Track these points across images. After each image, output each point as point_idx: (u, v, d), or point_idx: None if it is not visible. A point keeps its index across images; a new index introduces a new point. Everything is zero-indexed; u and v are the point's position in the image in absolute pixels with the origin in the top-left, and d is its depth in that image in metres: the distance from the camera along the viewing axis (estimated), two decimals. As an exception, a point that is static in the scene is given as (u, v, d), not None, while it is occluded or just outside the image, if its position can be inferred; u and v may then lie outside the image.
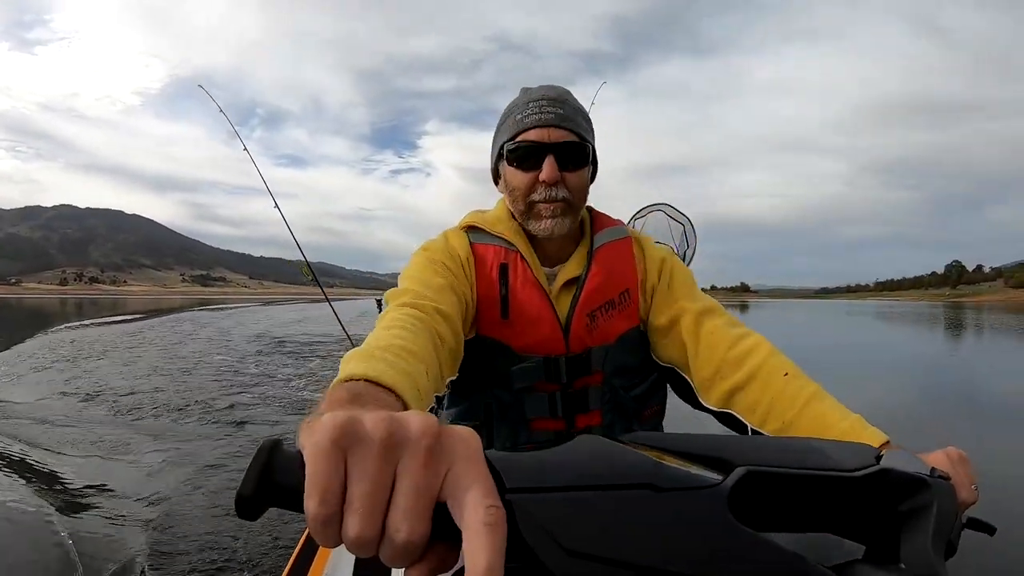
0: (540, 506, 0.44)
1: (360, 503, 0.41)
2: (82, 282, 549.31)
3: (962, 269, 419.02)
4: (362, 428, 0.43)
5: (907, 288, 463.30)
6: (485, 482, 0.43)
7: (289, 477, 0.43)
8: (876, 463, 0.62)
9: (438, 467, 0.43)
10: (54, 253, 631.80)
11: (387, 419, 0.44)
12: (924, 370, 15.10)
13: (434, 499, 0.42)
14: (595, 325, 1.45)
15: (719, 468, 0.54)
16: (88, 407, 8.27)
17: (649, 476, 0.48)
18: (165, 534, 4.50)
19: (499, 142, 1.49)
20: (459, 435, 0.45)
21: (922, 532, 0.58)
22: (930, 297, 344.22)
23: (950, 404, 10.28)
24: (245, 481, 0.43)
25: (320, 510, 0.41)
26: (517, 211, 1.48)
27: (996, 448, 6.95)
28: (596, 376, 1.47)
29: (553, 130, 1.40)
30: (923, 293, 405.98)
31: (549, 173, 1.38)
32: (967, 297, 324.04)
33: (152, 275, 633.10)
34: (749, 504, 0.55)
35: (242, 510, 0.43)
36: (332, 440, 0.42)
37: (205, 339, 18.93)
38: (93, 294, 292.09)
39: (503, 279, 1.45)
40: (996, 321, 42.52)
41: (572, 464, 0.48)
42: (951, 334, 30.07)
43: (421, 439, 0.43)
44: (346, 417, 0.43)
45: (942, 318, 48.17)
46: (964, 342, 25.84)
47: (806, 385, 1.25)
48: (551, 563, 0.43)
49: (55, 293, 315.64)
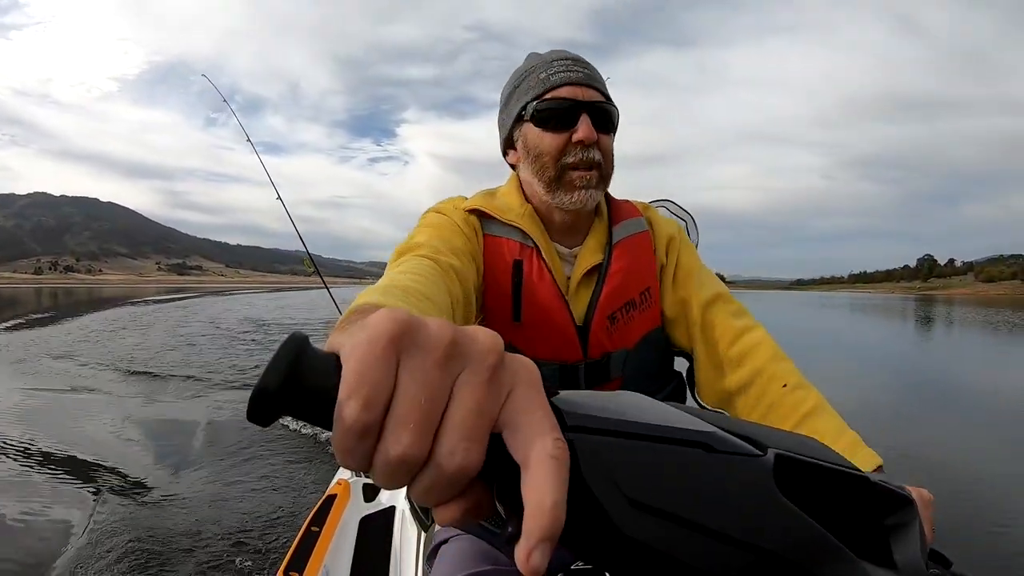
0: (604, 448, 0.41)
1: (412, 413, 0.34)
2: (57, 271, 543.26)
3: (933, 263, 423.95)
4: (425, 331, 0.37)
5: (880, 281, 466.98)
6: (550, 413, 0.38)
7: (321, 379, 0.36)
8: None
9: (500, 389, 0.37)
10: (28, 242, 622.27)
11: (453, 327, 0.38)
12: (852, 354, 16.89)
13: (492, 424, 0.37)
14: (615, 328, 1.37)
15: (753, 446, 0.52)
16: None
17: (704, 435, 0.46)
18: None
19: (518, 104, 1.36)
20: (522, 361, 0.40)
21: (910, 545, 0.58)
22: (901, 290, 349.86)
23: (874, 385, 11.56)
24: (266, 375, 0.36)
25: (361, 415, 0.34)
26: (544, 180, 1.33)
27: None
28: (615, 383, 1.40)
29: (586, 89, 1.31)
30: (894, 286, 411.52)
31: (586, 132, 1.27)
32: (937, 290, 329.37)
33: (128, 264, 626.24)
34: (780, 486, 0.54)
35: (257, 410, 0.36)
36: (390, 335, 0.35)
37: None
38: (69, 283, 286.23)
39: (516, 278, 1.33)
40: (946, 313, 45.72)
41: (633, 412, 0.45)
42: (898, 324, 33.64)
43: (488, 355, 0.37)
44: (405, 314, 0.37)
45: (898, 311, 51.19)
46: (904, 330, 28.93)
47: (805, 399, 1.21)
48: (614, 512, 0.40)
49: (31, 283, 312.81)
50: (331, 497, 2.39)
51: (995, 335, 26.05)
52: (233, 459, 5.82)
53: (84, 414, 7.85)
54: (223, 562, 3.65)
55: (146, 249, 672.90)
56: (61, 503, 4.67)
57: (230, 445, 6.27)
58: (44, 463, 5.69)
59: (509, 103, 1.41)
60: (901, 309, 58.59)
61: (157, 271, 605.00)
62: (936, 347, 22.04)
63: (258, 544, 3.91)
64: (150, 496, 4.81)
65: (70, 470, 5.47)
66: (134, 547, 3.82)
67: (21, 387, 9.47)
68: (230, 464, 5.71)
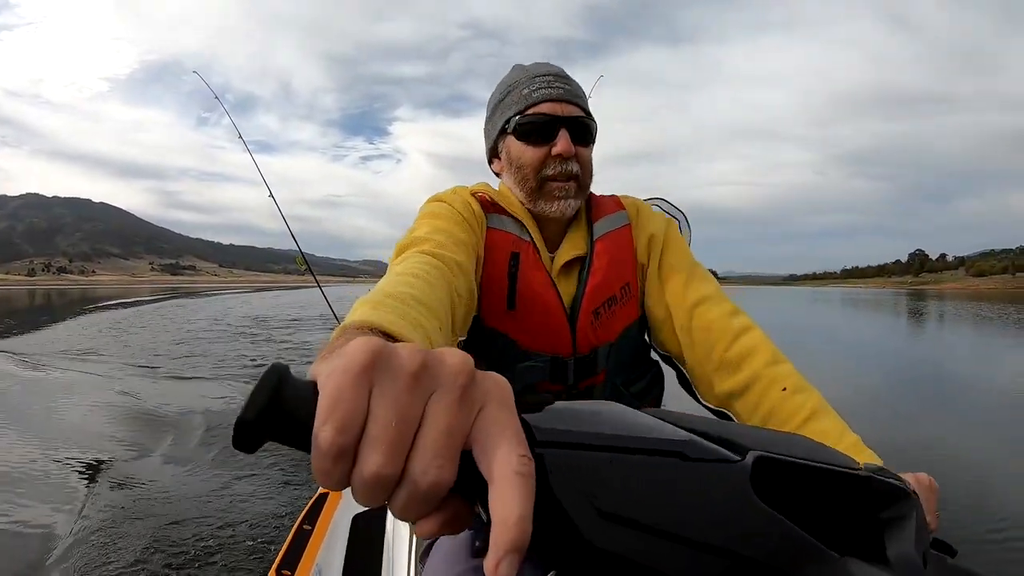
0: (573, 462, 0.42)
1: (384, 434, 0.37)
2: (50, 273, 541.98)
3: (924, 257, 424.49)
4: (396, 357, 0.39)
5: (872, 276, 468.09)
6: (518, 430, 0.40)
7: (299, 406, 0.39)
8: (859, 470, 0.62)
9: (471, 408, 0.40)
10: (21, 243, 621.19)
11: (423, 352, 0.40)
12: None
13: (463, 442, 0.39)
14: (599, 322, 1.41)
15: (734, 451, 0.53)
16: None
17: (679, 444, 0.47)
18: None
19: (502, 118, 1.42)
20: (493, 379, 0.42)
21: (905, 539, 0.58)
22: (893, 284, 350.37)
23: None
24: (248, 405, 0.38)
25: (337, 438, 0.36)
26: (526, 190, 1.40)
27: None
28: (600, 375, 1.44)
29: (565, 104, 1.36)
30: (886, 280, 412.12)
31: (564, 146, 1.33)
32: (928, 285, 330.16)
33: (121, 264, 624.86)
34: (759, 488, 0.54)
35: (240, 438, 0.38)
36: (362, 364, 0.38)
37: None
38: (62, 285, 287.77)
39: (512, 268, 1.37)
40: (929, 306, 46.03)
41: (605, 424, 0.46)
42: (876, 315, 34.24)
43: (457, 376, 0.40)
44: (378, 342, 0.40)
45: (885, 304, 51.75)
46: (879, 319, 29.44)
47: (805, 402, 1.21)
48: (583, 523, 0.41)
49: (24, 284, 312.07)
50: (323, 495, 2.37)
51: (971, 326, 26.98)
52: (224, 455, 5.79)
53: (68, 403, 8.05)
54: (215, 560, 3.64)
55: (139, 249, 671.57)
56: (46, 501, 4.65)
57: (220, 441, 6.27)
58: (36, 457, 5.71)
59: (494, 115, 1.47)
60: (888, 303, 59.07)
61: (150, 271, 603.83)
62: (917, 339, 22.51)
63: (250, 543, 3.90)
64: (139, 492, 4.79)
65: (58, 464, 5.51)
66: (122, 545, 3.81)
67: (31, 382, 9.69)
68: (221, 460, 5.69)
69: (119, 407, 7.97)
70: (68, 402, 8.25)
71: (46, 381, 10.00)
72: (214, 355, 13.60)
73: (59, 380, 10.04)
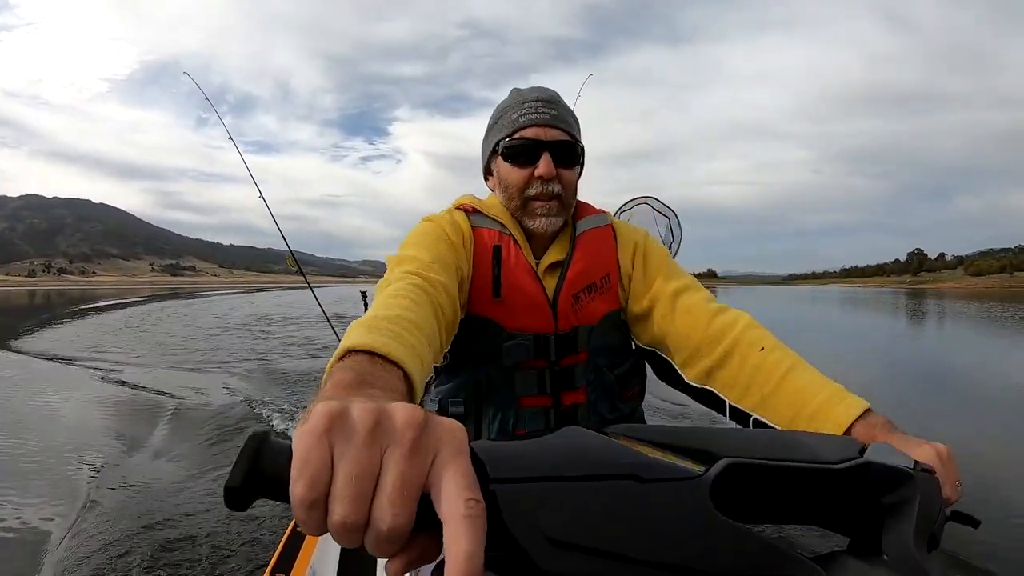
0: (523, 496, 0.46)
1: (346, 488, 0.42)
2: (51, 273, 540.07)
3: (923, 257, 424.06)
4: (350, 417, 0.45)
5: (871, 275, 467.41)
6: (467, 474, 0.44)
7: (277, 468, 0.44)
8: (859, 456, 0.62)
9: (423, 458, 0.44)
10: (21, 244, 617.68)
11: (374, 409, 0.46)
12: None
13: (419, 489, 0.44)
14: (580, 306, 1.49)
15: (702, 460, 0.54)
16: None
17: (632, 467, 0.49)
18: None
19: (493, 140, 1.53)
20: (445, 427, 0.46)
21: (905, 524, 0.58)
22: (891, 284, 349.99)
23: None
24: (233, 473, 0.44)
25: (307, 494, 0.42)
26: (512, 207, 1.51)
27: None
28: (581, 355, 1.51)
29: (549, 129, 1.45)
30: (884, 280, 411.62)
31: (546, 168, 1.42)
32: (927, 284, 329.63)
33: (121, 265, 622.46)
34: (733, 496, 0.56)
35: (231, 501, 0.45)
36: (322, 428, 0.44)
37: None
38: (63, 285, 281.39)
39: (496, 259, 1.47)
40: (923, 305, 46.52)
41: (556, 454, 0.49)
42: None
43: (407, 430, 0.45)
44: (336, 405, 0.46)
45: (882, 303, 52.37)
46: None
47: (784, 358, 1.25)
48: (534, 552, 0.45)
49: (25, 285, 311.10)
50: None
51: (953, 324, 27.88)
52: (218, 453, 5.84)
53: (86, 397, 8.51)
54: (209, 563, 3.64)
55: (138, 250, 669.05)
56: (40, 497, 4.74)
57: (214, 439, 6.34)
58: (31, 451, 5.87)
59: (488, 136, 1.59)
60: (883, 301, 59.65)
61: (150, 272, 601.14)
62: (901, 334, 23.28)
63: (244, 546, 3.87)
64: (132, 491, 4.81)
65: (52, 461, 5.61)
66: (114, 545, 3.84)
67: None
68: (211, 455, 5.78)
69: (133, 399, 8.42)
70: (86, 396, 8.63)
71: (67, 375, 10.55)
72: (227, 348, 14.62)
73: (78, 375, 10.53)
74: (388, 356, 0.74)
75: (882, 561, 0.58)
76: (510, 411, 1.50)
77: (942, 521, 0.68)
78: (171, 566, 3.59)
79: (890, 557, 0.58)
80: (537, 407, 1.51)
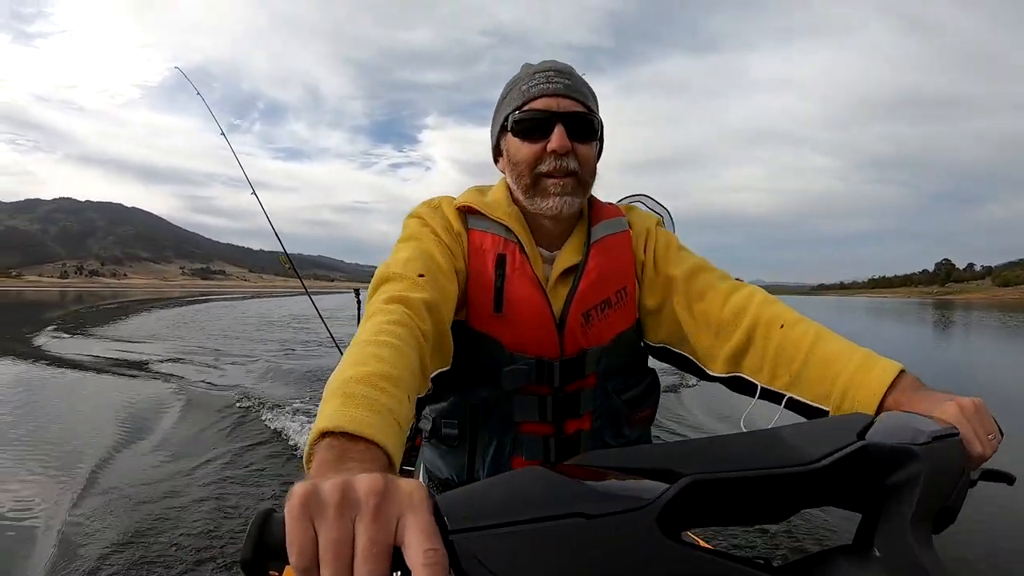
0: (477, 543, 0.51)
1: (327, 554, 0.50)
2: (83, 275, 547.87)
3: (951, 267, 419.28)
4: (321, 495, 0.52)
5: (898, 285, 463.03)
6: (426, 528, 0.51)
7: (278, 539, 0.51)
8: (857, 440, 0.62)
9: (388, 518, 0.52)
10: (53, 246, 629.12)
11: (340, 484, 0.53)
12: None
13: (390, 545, 0.51)
14: (590, 325, 1.37)
15: (668, 479, 0.56)
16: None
17: (580, 504, 0.52)
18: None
19: (502, 115, 1.40)
20: (405, 489, 0.54)
21: (905, 510, 0.58)
22: (918, 294, 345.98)
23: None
24: (244, 548, 0.51)
25: (300, 563, 0.50)
26: (522, 187, 1.37)
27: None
28: (589, 379, 1.40)
29: (562, 99, 1.33)
30: (911, 290, 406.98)
31: (559, 141, 1.30)
32: (953, 295, 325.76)
33: (152, 268, 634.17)
34: (706, 505, 0.58)
35: (246, 571, 0.51)
36: (300, 506, 0.51)
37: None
38: (95, 287, 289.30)
39: (499, 270, 1.34)
40: (946, 316, 46.75)
41: (508, 500, 0.53)
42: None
43: (369, 498, 0.52)
44: (308, 486, 0.53)
45: (907, 314, 51.55)
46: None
47: (807, 330, 1.20)
48: None
49: (58, 286, 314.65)
50: None
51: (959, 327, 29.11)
52: (226, 451, 5.92)
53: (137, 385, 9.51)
54: (209, 561, 3.64)
55: (168, 253, 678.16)
56: (34, 491, 4.83)
57: (220, 437, 6.47)
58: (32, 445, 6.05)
59: (496, 114, 1.46)
60: (907, 311, 60.41)
61: (181, 275, 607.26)
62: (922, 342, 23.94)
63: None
64: (139, 489, 4.81)
65: (48, 456, 5.72)
66: (118, 543, 3.84)
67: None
68: (217, 452, 5.87)
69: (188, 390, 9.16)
70: (136, 384, 9.54)
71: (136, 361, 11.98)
72: (275, 340, 16.88)
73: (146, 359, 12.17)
74: (362, 436, 0.73)
75: (872, 558, 0.58)
76: (507, 436, 1.40)
77: (963, 488, 0.68)
78: (170, 564, 3.61)
79: (882, 553, 0.58)
80: (538, 434, 1.40)
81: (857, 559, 0.59)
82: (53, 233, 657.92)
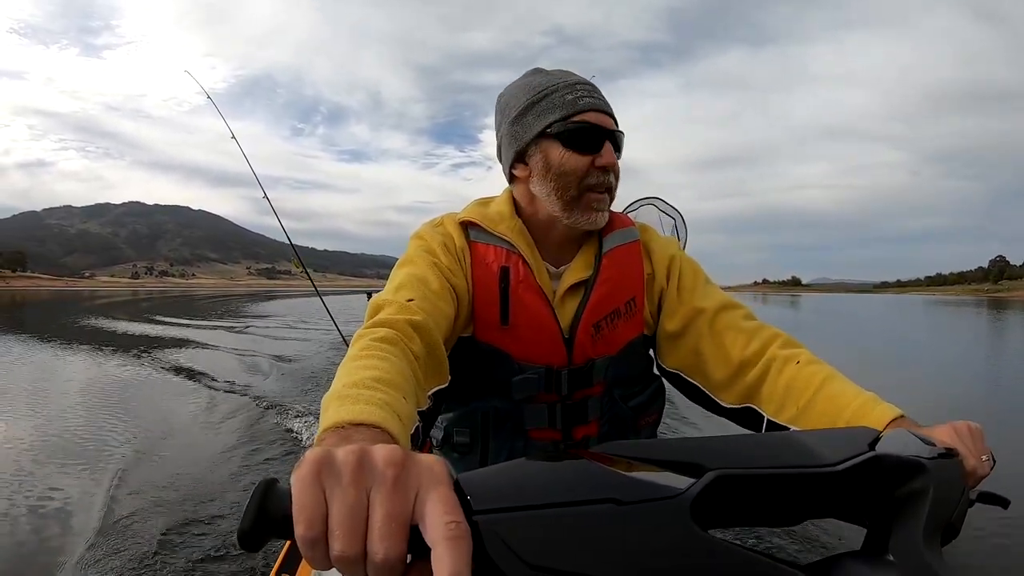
0: (504, 525, 0.48)
1: (339, 526, 0.46)
2: (153, 275, 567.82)
3: (1004, 264, 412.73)
4: (336, 461, 0.49)
5: (952, 283, 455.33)
6: (447, 501, 0.47)
7: (282, 510, 0.48)
8: (869, 450, 0.62)
9: (407, 493, 0.48)
10: (124, 248, 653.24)
11: (357, 450, 0.49)
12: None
13: (407, 522, 0.47)
14: (599, 336, 1.37)
15: (693, 473, 0.54)
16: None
17: (612, 490, 0.50)
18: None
19: (540, 121, 1.33)
20: (424, 463, 0.50)
21: (915, 520, 0.57)
22: (969, 292, 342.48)
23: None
24: (244, 518, 0.47)
25: (307, 533, 0.46)
26: (565, 198, 1.33)
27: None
28: (597, 387, 1.41)
29: (606, 117, 1.33)
30: (963, 288, 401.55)
31: (610, 158, 1.31)
32: (1003, 292, 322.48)
33: (219, 268, 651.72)
34: (727, 505, 0.57)
35: (244, 543, 0.48)
36: (312, 473, 0.48)
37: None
38: (166, 287, 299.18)
39: (503, 283, 1.34)
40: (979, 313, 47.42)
41: (537, 482, 0.51)
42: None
43: (388, 468, 0.48)
44: (323, 451, 0.49)
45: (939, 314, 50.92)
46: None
47: (819, 370, 1.21)
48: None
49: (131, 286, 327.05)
50: None
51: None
52: (234, 449, 5.85)
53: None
54: (214, 561, 3.58)
55: (235, 254, 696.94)
56: (59, 482, 4.86)
57: (227, 435, 6.39)
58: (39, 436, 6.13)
59: (526, 117, 1.37)
60: (937, 309, 59.87)
61: (247, 275, 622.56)
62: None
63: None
64: (146, 485, 4.78)
65: (46, 453, 5.66)
66: (124, 540, 3.81)
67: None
68: (222, 450, 5.80)
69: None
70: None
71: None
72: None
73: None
74: (366, 423, 0.71)
75: (887, 562, 0.58)
76: (519, 442, 1.41)
77: (964, 506, 0.67)
78: (175, 563, 3.55)
79: (897, 559, 0.57)
80: (547, 440, 1.41)
81: (873, 564, 0.58)
82: (123, 236, 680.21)
